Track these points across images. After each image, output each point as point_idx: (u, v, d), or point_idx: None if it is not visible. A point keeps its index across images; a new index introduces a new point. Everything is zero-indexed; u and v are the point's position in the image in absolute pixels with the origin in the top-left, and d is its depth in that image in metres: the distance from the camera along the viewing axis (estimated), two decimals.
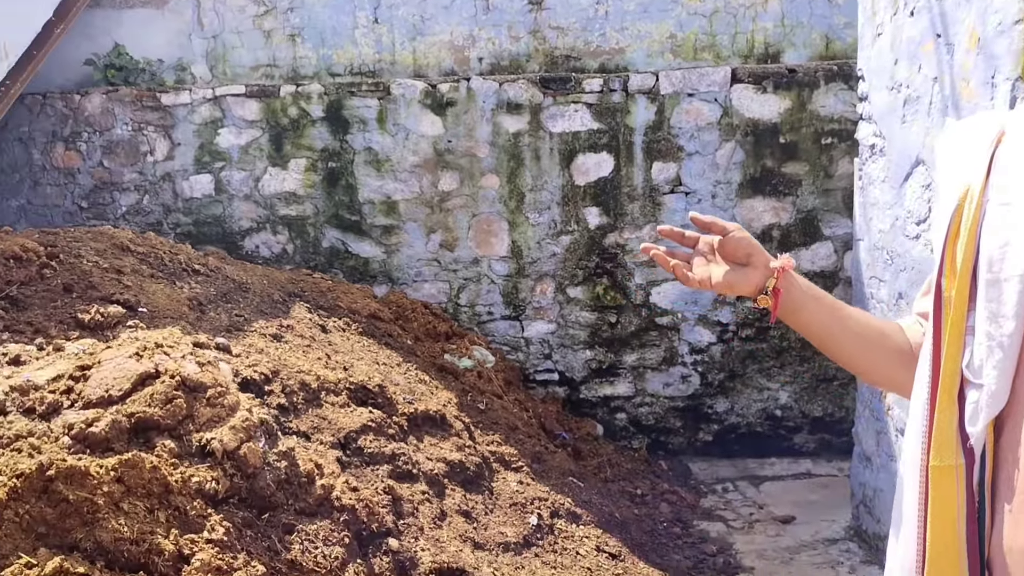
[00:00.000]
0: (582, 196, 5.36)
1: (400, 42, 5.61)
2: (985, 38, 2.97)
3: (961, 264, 1.17)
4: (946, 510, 1.15)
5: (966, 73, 3.13)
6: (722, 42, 5.47)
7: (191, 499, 2.48)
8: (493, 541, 3.54)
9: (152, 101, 5.42)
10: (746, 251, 1.43)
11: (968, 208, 1.18)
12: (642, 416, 5.53)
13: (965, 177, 1.22)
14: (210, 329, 3.57)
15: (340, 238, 5.47)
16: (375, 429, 3.49)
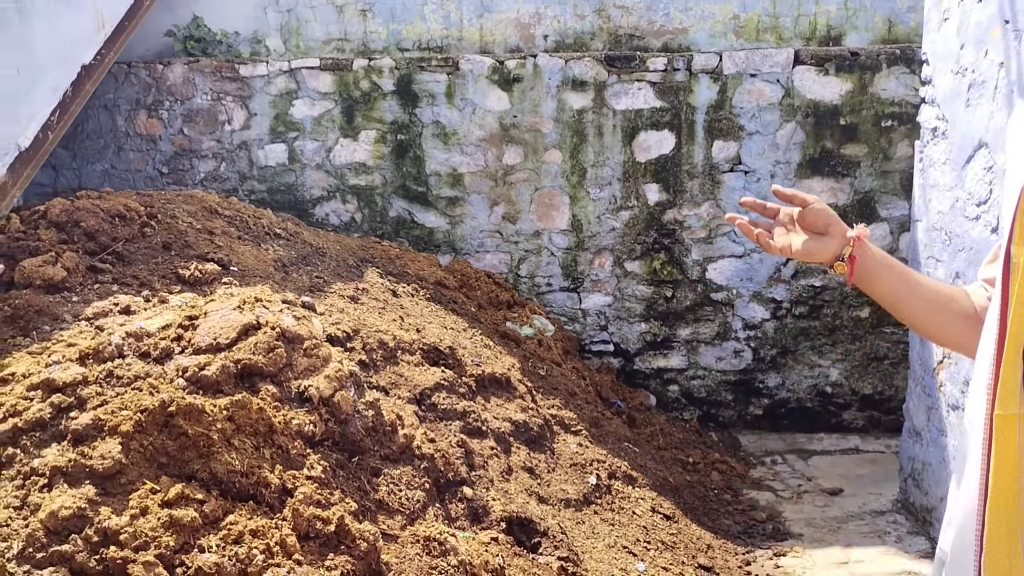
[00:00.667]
0: (642, 173, 5.49)
1: (468, 19, 5.77)
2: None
3: None
4: (1009, 454, 1.28)
5: None
6: (785, 24, 5.54)
7: (292, 439, 2.70)
8: (556, 497, 3.74)
9: (230, 72, 5.65)
10: (825, 221, 1.54)
11: None
12: (694, 388, 5.68)
13: None
14: (294, 288, 3.79)
15: (407, 208, 5.67)
16: (447, 387, 3.70)
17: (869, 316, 5.42)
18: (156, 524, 2.26)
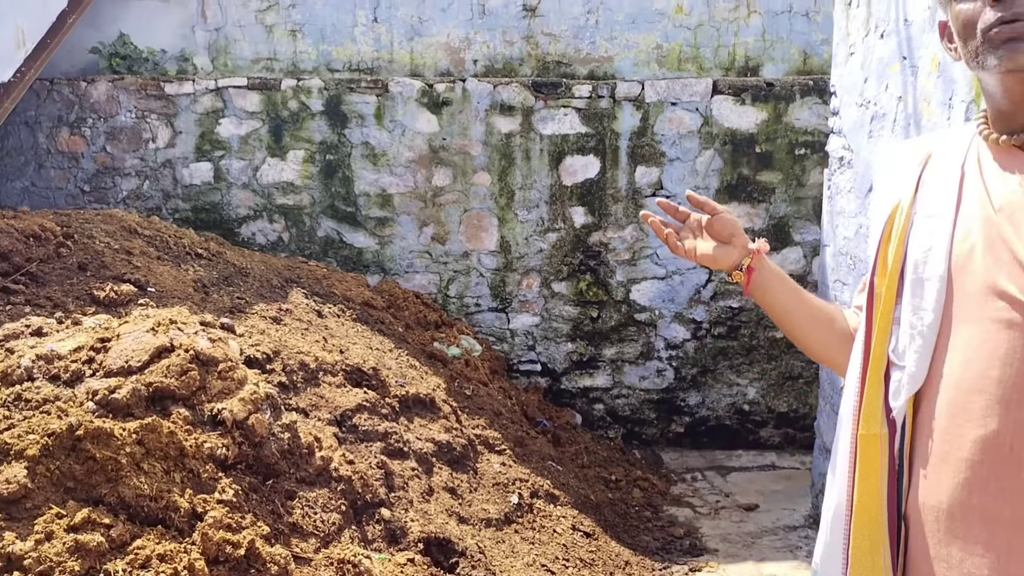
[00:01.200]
0: (569, 196, 5.61)
1: (398, 41, 5.83)
2: (945, 63, 3.25)
3: (891, 265, 1.39)
4: (871, 472, 1.37)
5: (927, 94, 3.41)
6: (705, 54, 5.73)
7: (204, 463, 2.70)
8: (477, 516, 3.79)
9: (156, 90, 5.61)
10: (730, 231, 1.63)
11: (899, 218, 1.41)
12: (619, 407, 5.79)
13: (897, 192, 1.44)
14: (214, 310, 3.78)
15: (335, 228, 5.68)
16: (369, 409, 3.72)
17: (784, 336, 5.60)
18: (61, 549, 2.25)
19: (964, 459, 1.25)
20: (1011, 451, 1.21)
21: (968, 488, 1.25)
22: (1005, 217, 1.26)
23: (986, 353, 1.24)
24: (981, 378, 1.24)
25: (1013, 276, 1.23)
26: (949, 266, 1.31)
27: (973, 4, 1.26)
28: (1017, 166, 1.28)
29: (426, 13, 5.80)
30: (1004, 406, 1.22)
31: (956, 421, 1.27)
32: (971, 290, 1.28)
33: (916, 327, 1.33)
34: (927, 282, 1.33)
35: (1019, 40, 1.21)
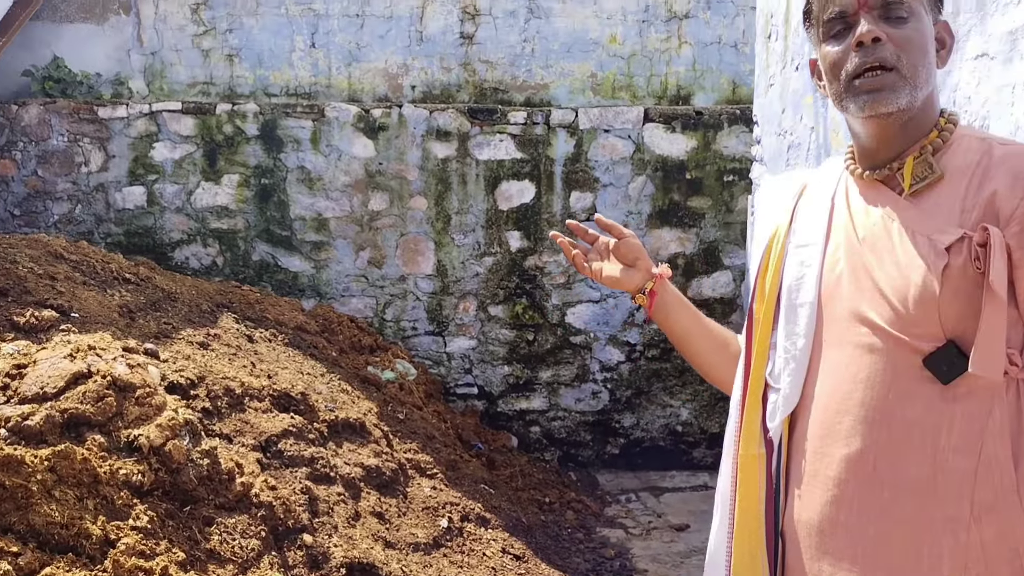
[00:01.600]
0: (505, 220, 5.68)
1: (336, 67, 5.87)
2: None
3: (768, 292, 1.47)
4: (751, 490, 1.43)
5: (836, 125, 3.54)
6: (638, 83, 5.87)
7: (118, 489, 2.69)
8: (404, 541, 3.80)
9: (89, 114, 5.57)
10: (635, 255, 1.68)
11: (775, 248, 1.48)
12: (555, 430, 5.85)
13: (775, 222, 1.52)
14: (139, 335, 3.76)
15: (270, 252, 5.68)
16: (295, 434, 3.72)
17: None
18: None
19: (832, 478, 1.31)
20: (874, 470, 1.28)
21: (836, 505, 1.31)
22: (868, 247, 1.33)
23: (850, 376, 1.31)
24: (846, 400, 1.31)
25: (874, 303, 1.29)
26: (819, 293, 1.37)
27: (840, 47, 1.33)
28: (880, 199, 1.35)
29: (364, 39, 5.86)
30: (867, 426, 1.28)
31: (825, 441, 1.33)
32: (838, 316, 1.34)
33: (790, 351, 1.40)
34: (800, 308, 1.39)
35: (880, 91, 1.28)
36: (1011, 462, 1.24)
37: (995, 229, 1.21)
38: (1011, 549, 1.23)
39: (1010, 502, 1.24)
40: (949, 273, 1.23)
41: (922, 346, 1.25)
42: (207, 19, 5.80)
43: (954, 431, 1.24)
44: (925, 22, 1.33)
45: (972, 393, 1.24)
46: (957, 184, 1.29)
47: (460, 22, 5.85)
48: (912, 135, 1.34)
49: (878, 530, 1.27)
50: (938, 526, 1.24)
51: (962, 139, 1.34)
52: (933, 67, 1.34)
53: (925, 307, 1.24)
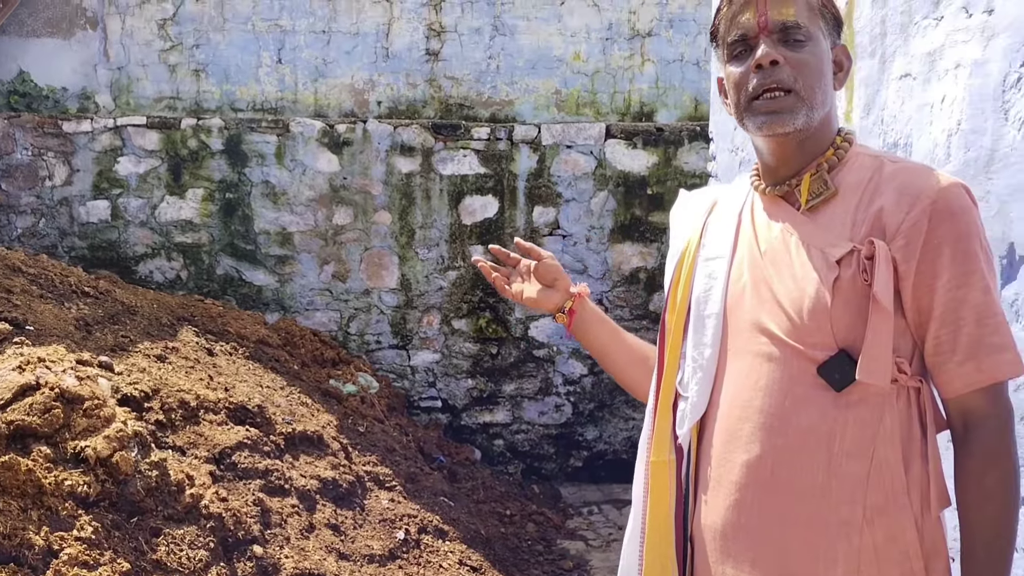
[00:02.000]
0: (468, 235, 5.73)
1: (303, 82, 5.92)
2: None
3: (679, 304, 1.52)
4: (661, 496, 1.47)
5: None
6: (602, 100, 5.96)
7: (63, 500, 2.70)
8: (359, 553, 3.81)
9: (53, 128, 5.58)
10: (554, 276, 1.74)
11: (686, 261, 1.53)
12: (518, 443, 5.88)
13: (687, 236, 1.57)
14: (95, 348, 3.77)
15: (235, 266, 5.70)
16: (250, 446, 3.74)
17: None
18: None
19: (734, 483, 1.36)
20: (772, 475, 1.32)
21: (737, 510, 1.35)
22: (769, 260, 1.39)
23: (751, 384, 1.36)
24: (747, 407, 1.36)
25: (773, 314, 1.35)
26: (725, 304, 1.43)
27: (741, 68, 1.39)
28: (780, 214, 1.41)
29: (330, 55, 5.91)
30: (766, 432, 1.33)
31: (728, 447, 1.37)
32: (741, 326, 1.40)
33: (698, 360, 1.44)
34: (707, 319, 1.45)
35: (778, 113, 1.34)
36: (901, 466, 1.29)
37: (881, 243, 1.27)
38: (901, 552, 1.28)
39: (900, 505, 1.29)
40: (840, 285, 1.29)
41: (816, 355, 1.30)
42: (174, 34, 5.83)
43: (847, 437, 1.29)
44: (823, 46, 1.39)
45: (864, 400, 1.29)
46: (850, 199, 1.35)
47: (426, 39, 5.92)
48: (810, 153, 1.39)
49: (776, 533, 1.32)
50: (832, 529, 1.29)
51: (857, 156, 1.40)
52: (830, 89, 1.40)
53: (818, 317, 1.30)
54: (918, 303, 1.29)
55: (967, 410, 1.30)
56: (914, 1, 2.30)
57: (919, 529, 1.29)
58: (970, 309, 1.26)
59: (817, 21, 1.38)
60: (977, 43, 1.94)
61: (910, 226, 1.28)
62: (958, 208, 1.28)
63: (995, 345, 1.26)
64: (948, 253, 1.26)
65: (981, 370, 1.26)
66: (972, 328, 1.26)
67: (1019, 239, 1.75)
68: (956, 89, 2.04)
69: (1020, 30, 1.76)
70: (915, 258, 1.27)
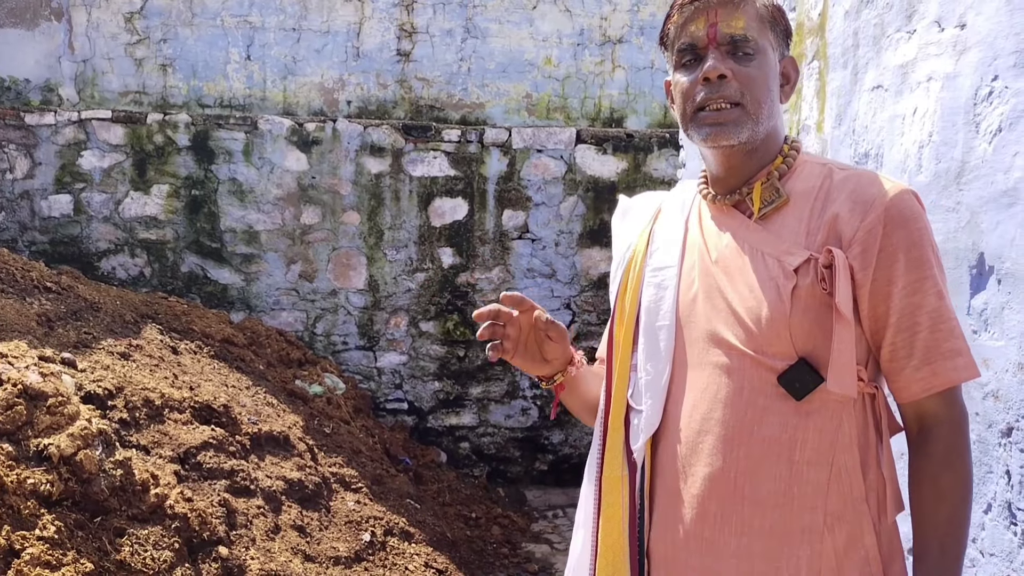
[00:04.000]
0: (437, 237, 5.72)
1: (272, 80, 5.86)
2: None
3: (628, 315, 1.48)
4: (614, 512, 1.43)
5: None
6: (572, 104, 5.99)
7: (25, 499, 2.64)
8: (325, 555, 3.78)
9: (15, 120, 5.47)
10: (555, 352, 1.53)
11: (633, 271, 1.50)
12: (484, 446, 5.88)
13: (632, 245, 1.54)
14: (57, 344, 3.70)
15: (200, 264, 5.62)
16: (215, 446, 3.69)
17: None
18: None
19: (695, 495, 1.34)
20: (735, 486, 1.32)
21: (700, 522, 1.34)
22: (721, 268, 1.37)
23: (710, 396, 1.34)
24: (707, 420, 1.34)
25: (728, 324, 1.34)
26: (677, 315, 1.41)
27: (689, 78, 1.38)
28: (731, 223, 1.40)
29: (300, 53, 5.87)
30: (727, 444, 1.32)
31: (688, 460, 1.35)
32: (695, 337, 1.38)
33: (650, 373, 1.42)
34: (659, 331, 1.42)
35: (723, 125, 1.34)
36: (860, 472, 1.31)
37: (839, 252, 1.28)
38: (861, 556, 1.30)
39: (859, 511, 1.30)
40: (798, 293, 1.29)
41: (776, 364, 1.30)
42: (141, 28, 5.75)
43: (808, 445, 1.30)
44: (771, 59, 1.39)
45: (824, 408, 1.30)
46: (802, 207, 1.35)
47: (397, 39, 5.90)
48: (759, 162, 1.40)
49: (740, 544, 1.31)
50: (795, 536, 1.29)
51: (805, 164, 1.41)
52: (776, 102, 1.40)
53: (776, 326, 1.30)
54: (874, 310, 1.30)
55: (923, 414, 1.32)
56: (887, 14, 2.35)
57: (877, 533, 1.31)
58: (925, 315, 1.28)
59: (767, 33, 1.38)
60: (949, 57, 1.98)
61: (865, 234, 1.29)
62: (911, 215, 1.30)
63: (950, 350, 1.28)
64: (903, 260, 1.28)
65: (937, 374, 1.28)
66: (927, 334, 1.28)
67: (989, 249, 1.79)
68: (928, 101, 2.08)
69: (992, 45, 1.80)
70: (871, 265, 1.29)
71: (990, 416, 1.77)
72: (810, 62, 2.97)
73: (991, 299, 1.78)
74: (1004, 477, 1.73)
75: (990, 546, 1.77)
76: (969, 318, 1.86)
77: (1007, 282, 1.73)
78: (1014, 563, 1.69)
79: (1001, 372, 1.74)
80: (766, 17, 1.39)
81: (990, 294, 1.79)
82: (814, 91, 2.93)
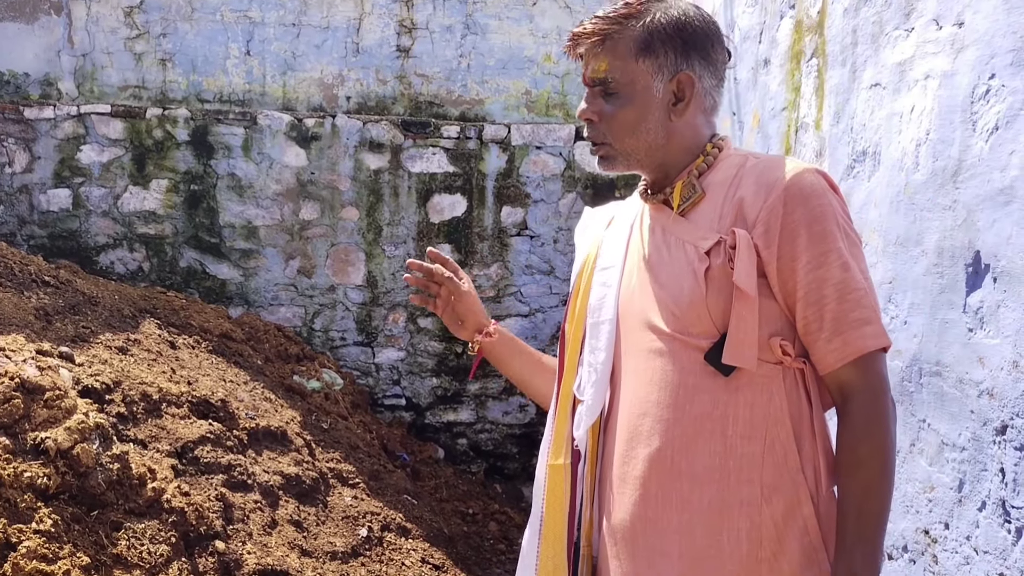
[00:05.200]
0: (436, 233, 5.72)
1: (271, 75, 5.86)
2: (763, 119, 3.53)
3: (578, 314, 1.58)
4: (557, 498, 1.51)
5: (749, 146, 3.68)
6: (572, 101, 5.98)
7: (21, 492, 2.65)
8: (321, 550, 3.79)
9: (14, 114, 5.46)
10: (464, 311, 1.77)
11: (586, 272, 1.60)
12: (482, 442, 5.88)
13: (587, 249, 1.64)
14: (55, 338, 3.70)
15: (198, 259, 5.62)
16: (213, 440, 3.69)
17: None
18: None
19: (638, 477, 1.40)
20: (672, 464, 1.37)
21: (643, 503, 1.39)
22: (654, 261, 1.46)
23: (646, 380, 1.41)
24: (644, 402, 1.41)
25: (657, 310, 1.42)
26: (618, 310, 1.50)
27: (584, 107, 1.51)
28: (660, 219, 1.49)
29: (300, 48, 5.86)
30: (664, 424, 1.38)
31: (631, 444, 1.42)
32: (633, 327, 1.46)
33: (593, 364, 1.50)
34: (601, 325, 1.51)
35: (602, 159, 1.52)
36: (794, 444, 1.35)
37: (741, 231, 1.34)
38: (799, 526, 1.34)
39: (796, 481, 1.35)
40: (712, 274, 1.36)
41: (701, 343, 1.37)
42: (141, 23, 5.74)
43: (739, 419, 1.35)
44: (642, 90, 1.45)
45: (752, 383, 1.36)
46: (717, 196, 1.43)
47: (397, 35, 5.90)
48: (675, 166, 1.49)
49: (681, 520, 1.36)
50: (734, 510, 1.34)
51: (727, 159, 1.48)
52: (656, 128, 1.46)
53: (696, 307, 1.37)
54: (784, 286, 1.36)
55: (842, 384, 1.36)
56: (885, 12, 2.35)
57: (815, 503, 1.36)
58: (831, 287, 1.33)
59: (640, 63, 1.44)
60: (947, 55, 1.99)
61: (767, 213, 1.35)
62: (810, 192, 1.35)
63: (858, 319, 1.33)
64: (804, 235, 1.33)
65: (848, 344, 1.33)
66: (834, 305, 1.33)
67: (985, 247, 1.80)
68: (925, 100, 2.09)
69: (989, 43, 1.80)
70: (775, 243, 1.34)
71: (985, 414, 1.78)
72: (809, 59, 2.97)
73: (987, 297, 1.79)
74: (998, 475, 1.73)
75: (984, 544, 1.78)
76: (965, 316, 1.86)
77: (1003, 280, 1.73)
78: (1007, 561, 1.69)
79: (996, 370, 1.74)
80: (639, 47, 1.44)
81: (986, 292, 1.79)
82: (812, 88, 2.93)
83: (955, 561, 1.89)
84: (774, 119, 3.40)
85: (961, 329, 1.88)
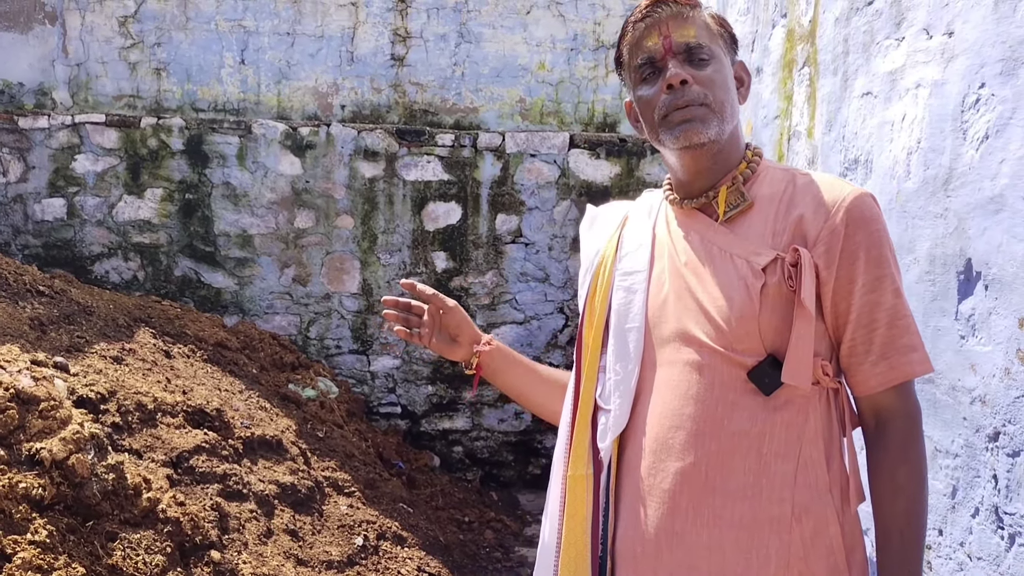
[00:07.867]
0: (431, 241, 5.73)
1: (266, 84, 5.87)
2: (756, 127, 3.54)
3: (597, 318, 1.53)
4: (578, 510, 1.45)
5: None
6: (566, 109, 6.01)
7: (16, 503, 2.64)
8: (317, 559, 3.78)
9: (9, 123, 5.46)
10: (456, 327, 1.73)
11: (602, 275, 1.55)
12: (477, 449, 5.88)
13: (601, 251, 1.59)
14: (50, 348, 3.70)
15: (193, 268, 5.62)
16: (208, 450, 3.69)
17: None
18: None
19: (667, 491, 1.36)
20: (706, 479, 1.35)
21: (671, 517, 1.36)
22: (691, 270, 1.42)
23: (681, 393, 1.38)
24: (678, 416, 1.37)
25: (699, 322, 1.38)
26: (647, 317, 1.45)
27: (652, 90, 1.43)
28: (698, 226, 1.45)
29: (294, 57, 5.87)
30: (699, 439, 1.35)
31: (659, 457, 1.38)
32: (666, 337, 1.42)
33: (619, 373, 1.45)
34: (628, 333, 1.46)
35: (691, 122, 1.38)
36: (824, 464, 1.35)
37: (805, 250, 1.33)
38: (826, 546, 1.34)
39: (824, 501, 1.35)
40: (766, 291, 1.34)
41: (745, 360, 1.35)
42: (135, 32, 5.75)
43: (776, 438, 1.34)
44: (725, 63, 1.45)
45: (790, 402, 1.35)
46: (766, 210, 1.40)
47: (391, 44, 5.91)
48: (723, 167, 1.44)
49: (711, 535, 1.34)
50: (764, 527, 1.33)
51: (768, 170, 1.46)
52: (736, 103, 1.46)
53: (746, 324, 1.34)
54: (836, 307, 1.36)
55: (880, 407, 1.37)
56: (876, 21, 2.37)
57: (841, 523, 1.35)
58: (883, 312, 1.34)
59: (717, 40, 1.45)
60: (937, 64, 2.00)
61: (829, 233, 1.34)
62: (870, 216, 1.36)
63: (906, 345, 1.34)
64: (863, 258, 1.34)
65: (894, 368, 1.33)
66: (885, 330, 1.34)
67: (976, 255, 1.81)
68: (916, 108, 2.10)
69: (979, 52, 1.82)
70: (835, 264, 1.34)
71: (977, 421, 1.79)
72: (800, 68, 2.99)
73: (978, 304, 1.80)
74: (991, 481, 1.74)
75: (978, 550, 1.79)
76: (957, 323, 1.88)
77: (994, 288, 1.74)
78: (1001, 567, 1.70)
79: (988, 377, 1.75)
80: (713, 26, 1.45)
81: (977, 300, 1.80)
82: (804, 97, 2.95)
83: (949, 567, 1.90)
84: (767, 127, 3.42)
85: (953, 336, 1.89)
